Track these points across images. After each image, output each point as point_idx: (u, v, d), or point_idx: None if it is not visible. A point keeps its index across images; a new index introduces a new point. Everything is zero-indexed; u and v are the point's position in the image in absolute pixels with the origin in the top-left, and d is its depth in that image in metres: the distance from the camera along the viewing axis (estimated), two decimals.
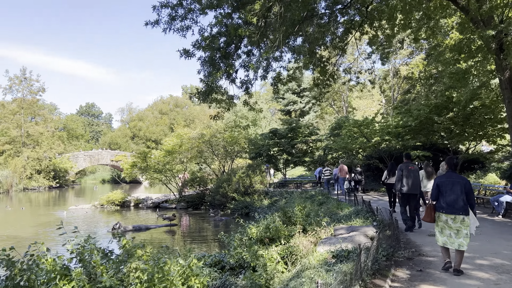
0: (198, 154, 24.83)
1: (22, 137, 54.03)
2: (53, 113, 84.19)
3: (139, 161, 25.24)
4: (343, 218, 12.30)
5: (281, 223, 8.68)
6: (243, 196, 21.53)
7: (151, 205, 26.01)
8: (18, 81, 55.13)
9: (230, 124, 25.74)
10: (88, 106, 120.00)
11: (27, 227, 18.54)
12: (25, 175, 51.96)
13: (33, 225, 19.13)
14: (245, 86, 8.73)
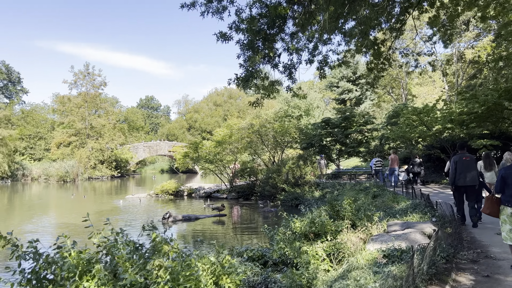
0: (248, 144, 24.59)
1: (86, 129, 57.27)
2: (115, 106, 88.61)
3: (191, 151, 25.57)
4: (398, 212, 11.39)
5: (328, 218, 8.06)
6: (293, 187, 20.98)
7: (203, 195, 26.26)
8: (82, 76, 58.35)
9: (280, 113, 25.15)
10: (147, 99, 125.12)
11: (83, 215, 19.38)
12: (90, 165, 55.11)
13: (92, 213, 19.95)
14: (288, 71, 8.15)
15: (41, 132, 62.66)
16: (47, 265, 4.26)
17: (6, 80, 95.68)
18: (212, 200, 25.13)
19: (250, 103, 7.58)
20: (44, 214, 20.86)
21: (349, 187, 19.75)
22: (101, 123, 57.63)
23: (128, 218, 17.96)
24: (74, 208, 22.90)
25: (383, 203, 14.69)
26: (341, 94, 62.46)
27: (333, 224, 7.95)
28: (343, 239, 7.58)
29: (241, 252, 8.59)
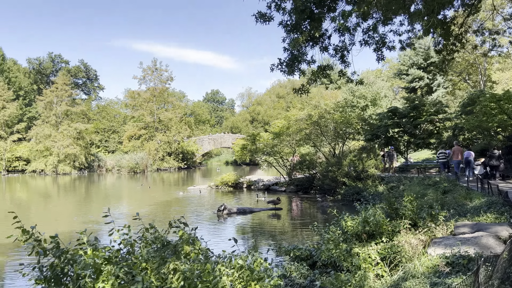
0: (306, 136, 23.76)
1: (154, 123, 59.84)
2: (182, 100, 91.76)
3: (248, 144, 25.35)
4: (469, 211, 10.10)
5: (384, 216, 7.19)
6: (354, 181, 19.87)
7: (261, 188, 25.98)
8: (150, 72, 60.95)
9: (341, 103, 23.91)
10: (213, 93, 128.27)
11: (145, 205, 19.96)
12: (158, 157, 57.54)
13: (152, 204, 20.54)
14: (340, 53, 7.32)
15: (115, 126, 66.66)
16: (65, 262, 4.04)
17: (85, 78, 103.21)
18: (270, 193, 24.75)
19: (295, 90, 6.91)
20: (115, 203, 21.90)
21: (416, 182, 18.24)
22: (168, 117, 59.83)
23: (183, 209, 18.15)
24: (139, 198, 23.80)
25: (453, 200, 13.32)
26: (411, 82, 58.64)
27: (389, 224, 7.08)
28: (400, 241, 6.70)
29: (288, 250, 8.03)
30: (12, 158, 52.28)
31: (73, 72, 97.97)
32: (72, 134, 50.75)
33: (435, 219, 7.56)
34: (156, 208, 18.66)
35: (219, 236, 12.33)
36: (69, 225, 14.50)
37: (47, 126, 51.23)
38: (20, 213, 15.34)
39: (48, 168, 49.71)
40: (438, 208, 7.93)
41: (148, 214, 16.55)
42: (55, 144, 49.82)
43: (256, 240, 11.83)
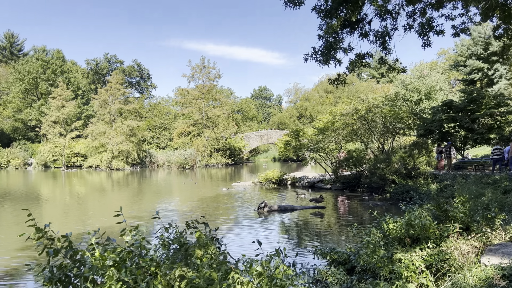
0: (353, 132, 22.78)
1: (203, 120, 60.82)
2: (229, 97, 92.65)
3: (292, 139, 24.81)
4: None
5: (431, 219, 6.48)
6: (404, 179, 18.75)
7: (306, 185, 25.40)
8: (199, 69, 61.96)
9: (390, 96, 22.58)
10: (260, 90, 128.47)
11: (188, 201, 20.12)
12: (206, 153, 58.48)
13: (195, 199, 20.65)
14: (381, 39, 6.65)
15: (165, 123, 68.59)
16: (74, 264, 3.87)
17: (138, 77, 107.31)
18: (315, 190, 24.11)
19: (330, 81, 6.35)
20: (160, 198, 22.34)
21: (473, 180, 16.86)
22: (216, 114, 60.55)
23: (224, 206, 18.05)
24: (184, 194, 24.11)
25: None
26: (469, 74, 54.98)
27: (437, 227, 6.36)
28: (449, 247, 5.98)
29: (325, 253, 7.52)
30: (71, 154, 55.46)
31: (127, 71, 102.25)
32: (125, 131, 52.81)
33: (491, 223, 6.72)
34: (198, 204, 18.72)
35: (253, 236, 12.00)
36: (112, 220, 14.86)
37: (102, 124, 53.72)
38: (77, 206, 15.99)
39: (103, 163, 52.13)
40: (495, 211, 7.05)
41: (187, 210, 16.62)
42: (109, 140, 52.10)
43: (291, 241, 11.38)
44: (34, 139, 64.82)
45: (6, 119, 66.49)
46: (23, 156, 56.91)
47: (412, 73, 60.46)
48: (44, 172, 49.67)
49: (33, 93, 66.89)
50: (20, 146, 59.14)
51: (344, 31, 6.33)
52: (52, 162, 55.24)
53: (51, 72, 65.97)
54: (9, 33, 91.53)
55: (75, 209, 18.35)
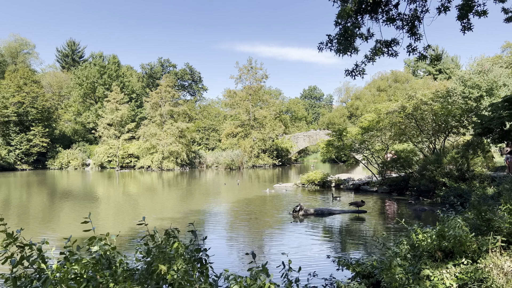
0: (400, 131, 21.31)
1: (250, 121, 60.84)
2: (278, 97, 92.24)
3: (334, 139, 23.76)
4: None
5: (468, 229, 5.57)
6: (456, 181, 17.20)
7: (351, 187, 24.28)
8: (246, 71, 62.07)
9: (441, 92, 20.74)
10: (310, 89, 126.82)
11: (223, 203, 19.87)
12: (253, 154, 58.40)
13: (232, 201, 20.36)
14: (409, 24, 5.79)
15: (214, 124, 69.50)
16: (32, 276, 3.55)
17: (190, 80, 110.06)
18: (360, 193, 22.95)
19: (347, 72, 5.61)
20: (197, 199, 22.37)
21: None
22: (263, 114, 60.30)
23: (259, 209, 17.56)
24: (223, 195, 23.93)
25: None
26: None
27: (474, 240, 5.45)
28: (487, 264, 5.07)
29: (349, 264, 6.80)
30: (125, 155, 57.80)
31: (180, 75, 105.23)
32: (175, 133, 54.06)
33: None
34: (232, 206, 18.39)
35: (282, 242, 11.42)
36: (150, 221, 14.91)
37: (153, 126, 55.43)
38: (124, 205, 16.15)
39: (154, 164, 53.73)
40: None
41: (216, 213, 16.30)
42: (160, 142, 53.61)
43: (320, 247, 10.65)
44: (92, 141, 68.45)
45: (67, 122, 70.87)
46: (82, 157, 60.15)
47: (472, 68, 56.43)
48: (100, 172, 52.15)
49: (91, 97, 70.63)
50: (79, 147, 62.61)
51: (365, 16, 5.60)
52: (108, 162, 57.92)
53: (107, 77, 69.28)
54: (71, 41, 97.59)
55: (117, 209, 18.80)
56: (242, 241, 11.64)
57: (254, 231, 12.81)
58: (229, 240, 11.95)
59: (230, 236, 12.47)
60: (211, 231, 13.06)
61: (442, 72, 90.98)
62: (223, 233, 12.87)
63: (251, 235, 12.31)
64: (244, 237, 12.20)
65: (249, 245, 11.04)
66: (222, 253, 10.17)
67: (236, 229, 13.35)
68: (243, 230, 13.05)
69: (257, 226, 13.55)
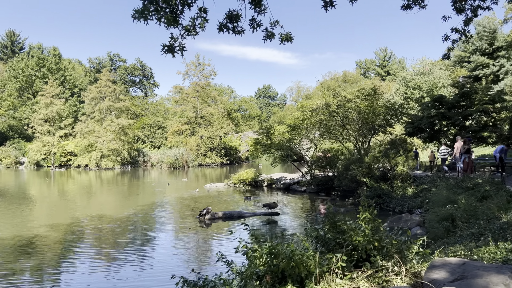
0: (326, 129, 20.70)
1: (197, 118, 59.08)
2: (230, 95, 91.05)
3: (263, 138, 22.78)
4: (493, 231, 7.02)
5: (309, 245, 4.57)
6: (377, 181, 16.69)
7: (281, 187, 23.48)
8: (194, 66, 60.25)
9: (366, 90, 20.26)
10: (265, 88, 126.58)
11: (136, 206, 18.19)
12: (200, 152, 56.75)
13: (147, 204, 18.80)
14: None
15: (160, 122, 67.04)
16: None
17: (141, 76, 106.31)
18: (289, 192, 22.19)
19: (165, 48, 4.38)
20: (112, 200, 20.63)
21: (453, 183, 14.77)
22: (211, 112, 58.77)
23: (169, 212, 16.22)
24: (145, 197, 22.26)
25: (488, 211, 10.09)
26: (473, 70, 52.19)
27: (312, 259, 4.41)
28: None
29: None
30: (64, 153, 54.21)
31: (130, 70, 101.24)
32: (115, 130, 51.36)
33: (403, 252, 4.75)
34: (143, 209, 16.84)
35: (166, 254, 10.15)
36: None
37: (91, 122, 52.39)
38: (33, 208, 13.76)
39: (91, 163, 50.78)
40: (408, 233, 5.08)
41: (116, 220, 14.68)
42: (98, 139, 50.73)
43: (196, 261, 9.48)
44: (31, 137, 63.99)
45: (1, 118, 65.72)
46: (15, 155, 55.93)
47: (414, 69, 57.92)
48: (35, 171, 48.53)
49: (28, 91, 66.04)
50: (14, 144, 58.18)
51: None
52: (45, 161, 54.16)
53: (46, 70, 65.04)
54: (10, 31, 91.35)
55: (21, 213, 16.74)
56: (118, 258, 10.20)
57: (144, 242, 11.41)
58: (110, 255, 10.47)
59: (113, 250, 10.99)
60: (96, 243, 11.51)
61: (390, 74, 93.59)
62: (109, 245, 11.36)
63: (133, 249, 10.88)
64: (124, 253, 10.70)
65: (121, 264, 9.65)
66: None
67: (123, 240, 11.90)
68: (130, 239, 11.60)
69: (153, 233, 12.18)
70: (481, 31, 51.52)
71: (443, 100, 24.56)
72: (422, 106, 25.49)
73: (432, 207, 12.13)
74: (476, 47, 52.00)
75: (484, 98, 23.53)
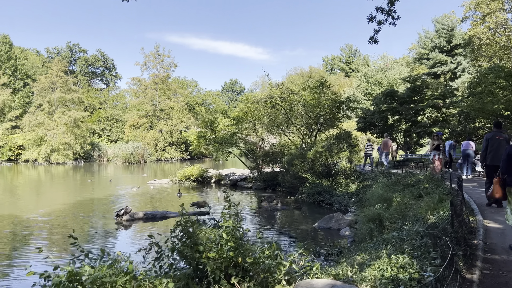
0: (271, 122, 19.71)
1: (156, 111, 57.00)
2: (194, 89, 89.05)
3: (207, 131, 21.52)
4: (410, 236, 6.15)
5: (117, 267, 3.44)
6: (319, 177, 15.83)
7: (228, 183, 22.37)
8: (153, 57, 58.03)
9: (312, 82, 19.37)
10: (231, 83, 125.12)
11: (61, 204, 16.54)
12: (159, 147, 54.78)
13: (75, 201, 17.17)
14: None
15: (118, 115, 64.43)
16: None
17: (102, 67, 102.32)
18: (237, 189, 21.10)
19: None
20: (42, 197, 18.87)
21: (395, 180, 14.07)
22: (170, 105, 56.84)
23: (91, 212, 14.76)
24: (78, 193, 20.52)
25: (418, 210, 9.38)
26: (432, 67, 52.90)
27: None
28: None
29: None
30: (14, 147, 50.88)
31: (91, 61, 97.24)
32: (67, 123, 48.68)
33: (275, 269, 3.71)
34: (67, 208, 15.30)
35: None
36: None
37: (40, 114, 49.44)
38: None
39: (40, 157, 47.96)
40: (273, 248, 4.03)
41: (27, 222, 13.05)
42: (48, 132, 47.94)
43: None
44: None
45: None
46: None
47: (375, 65, 58.16)
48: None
49: None
50: None
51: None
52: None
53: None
54: None
55: None
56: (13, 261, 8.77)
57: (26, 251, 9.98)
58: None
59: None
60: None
61: (355, 70, 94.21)
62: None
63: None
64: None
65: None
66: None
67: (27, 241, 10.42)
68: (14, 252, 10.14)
69: (59, 238, 10.73)
70: (440, 29, 52.16)
71: (395, 95, 24.13)
72: (374, 101, 24.99)
73: (366, 205, 11.35)
74: (435, 45, 52.65)
75: (435, 93, 23.26)
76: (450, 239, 4.91)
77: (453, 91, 23.87)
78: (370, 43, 8.68)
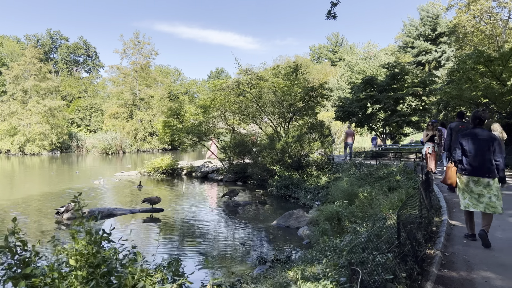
0: (240, 110, 18.60)
1: (135, 100, 55.34)
2: (177, 78, 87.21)
3: (174, 121, 20.32)
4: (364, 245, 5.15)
5: None
6: (288, 169, 14.84)
7: (199, 175, 21.30)
8: (133, 45, 56.17)
9: (284, 68, 18.39)
10: (217, 72, 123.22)
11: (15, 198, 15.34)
12: (138, 137, 53.29)
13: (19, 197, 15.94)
14: None
15: (97, 104, 62.56)
16: None
17: (85, 55, 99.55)
18: (207, 182, 20.07)
19: None
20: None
21: (367, 172, 13.15)
22: (150, 94, 55.22)
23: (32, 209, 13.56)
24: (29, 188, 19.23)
25: (390, 203, 8.48)
26: (417, 55, 52.14)
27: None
28: None
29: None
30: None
31: (72, 49, 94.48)
32: (41, 112, 46.87)
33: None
34: (13, 203, 14.06)
35: None
36: None
37: (13, 103, 47.52)
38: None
39: (14, 147, 46.20)
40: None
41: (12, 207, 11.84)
42: (22, 122, 46.13)
43: None
44: None
45: None
46: None
47: (360, 54, 57.22)
48: None
49: None
50: None
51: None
52: None
53: None
54: None
55: None
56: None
57: None
58: None
59: None
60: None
61: (341, 60, 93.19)
62: None
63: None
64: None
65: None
66: None
67: None
68: None
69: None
70: (425, 16, 51.30)
71: (374, 83, 23.21)
72: (353, 89, 24.03)
73: (330, 201, 10.40)
74: (420, 33, 51.81)
75: (415, 81, 22.37)
76: (393, 255, 3.93)
77: (433, 78, 23.00)
78: (328, 18, 7.61)
